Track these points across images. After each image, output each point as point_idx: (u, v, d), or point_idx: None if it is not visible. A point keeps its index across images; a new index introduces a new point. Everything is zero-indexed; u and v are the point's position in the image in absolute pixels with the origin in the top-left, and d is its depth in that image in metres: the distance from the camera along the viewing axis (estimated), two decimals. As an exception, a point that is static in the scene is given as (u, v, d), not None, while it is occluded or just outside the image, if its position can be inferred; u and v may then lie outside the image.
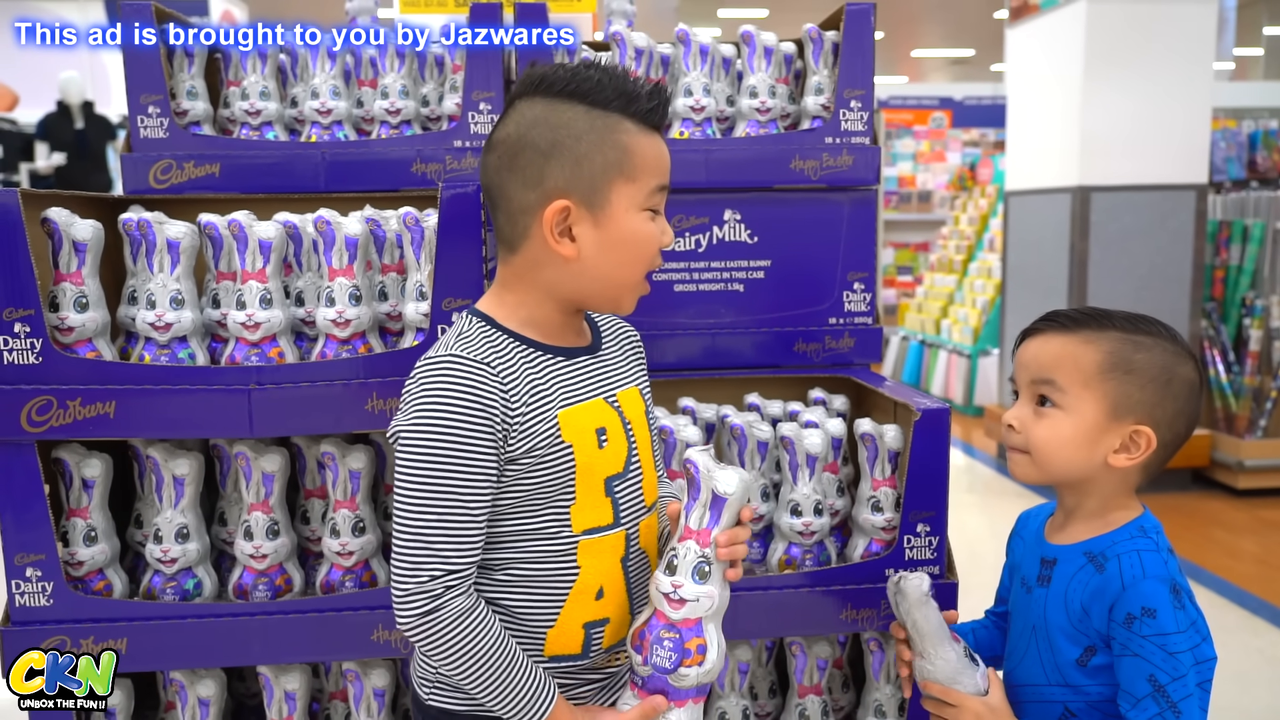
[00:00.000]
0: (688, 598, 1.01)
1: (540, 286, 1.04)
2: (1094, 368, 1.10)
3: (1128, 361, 1.09)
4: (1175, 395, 1.10)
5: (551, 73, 1.01)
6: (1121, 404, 1.09)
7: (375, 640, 1.35)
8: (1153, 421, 1.09)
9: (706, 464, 1.03)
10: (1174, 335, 1.12)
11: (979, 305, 5.99)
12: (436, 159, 1.66)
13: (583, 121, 0.99)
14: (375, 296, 1.43)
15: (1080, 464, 1.11)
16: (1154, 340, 1.10)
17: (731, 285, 1.78)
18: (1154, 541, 1.09)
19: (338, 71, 1.70)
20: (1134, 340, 1.10)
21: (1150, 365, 1.09)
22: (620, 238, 1.02)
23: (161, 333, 1.33)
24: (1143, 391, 1.09)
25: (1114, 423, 1.09)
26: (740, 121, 1.79)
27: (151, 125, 1.63)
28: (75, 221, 1.31)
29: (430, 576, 0.96)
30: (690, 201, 1.75)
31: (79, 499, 1.34)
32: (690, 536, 1.02)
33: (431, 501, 0.96)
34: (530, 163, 1.00)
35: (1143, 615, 1.03)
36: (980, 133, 8.31)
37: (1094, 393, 1.10)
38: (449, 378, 0.97)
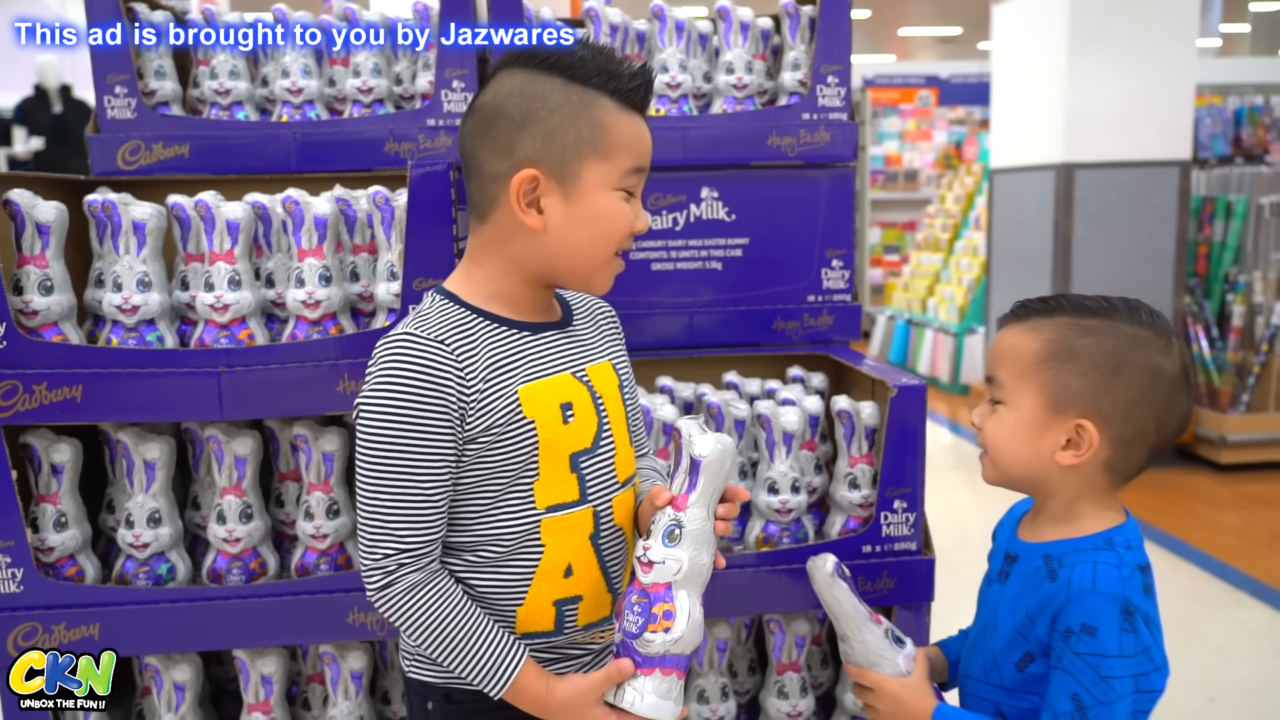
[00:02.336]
0: (655, 560, 0.99)
1: (508, 258, 1.03)
2: (1031, 357, 1.01)
3: (1068, 348, 1.00)
4: (1129, 384, 0.98)
5: (536, 47, 1.03)
6: (1060, 395, 1.00)
7: (351, 623, 1.35)
8: (1097, 414, 0.99)
9: (689, 430, 1.02)
10: (1144, 319, 1.01)
11: (965, 284, 5.99)
12: (409, 138, 1.64)
13: (559, 94, 0.99)
14: (346, 277, 1.41)
15: (1027, 463, 1.03)
16: (1108, 324, 1.00)
17: (709, 263, 1.77)
18: (1118, 555, 0.99)
19: (309, 50, 1.67)
20: (1082, 325, 1.00)
21: (1095, 351, 0.99)
22: (589, 214, 1.01)
23: (129, 315, 1.31)
24: (1083, 380, 0.99)
25: (1054, 416, 1.00)
26: (717, 98, 1.77)
27: (119, 106, 1.60)
28: (38, 203, 1.29)
29: (384, 554, 0.97)
30: (667, 179, 1.74)
31: (48, 484, 1.33)
32: (669, 502, 1.01)
33: (385, 480, 0.97)
34: (503, 132, 0.99)
35: (1081, 631, 0.95)
36: (966, 111, 8.29)
37: (1031, 384, 1.01)
38: (402, 357, 0.97)
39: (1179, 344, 1.00)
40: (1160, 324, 1.01)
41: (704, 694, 1.46)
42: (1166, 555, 3.39)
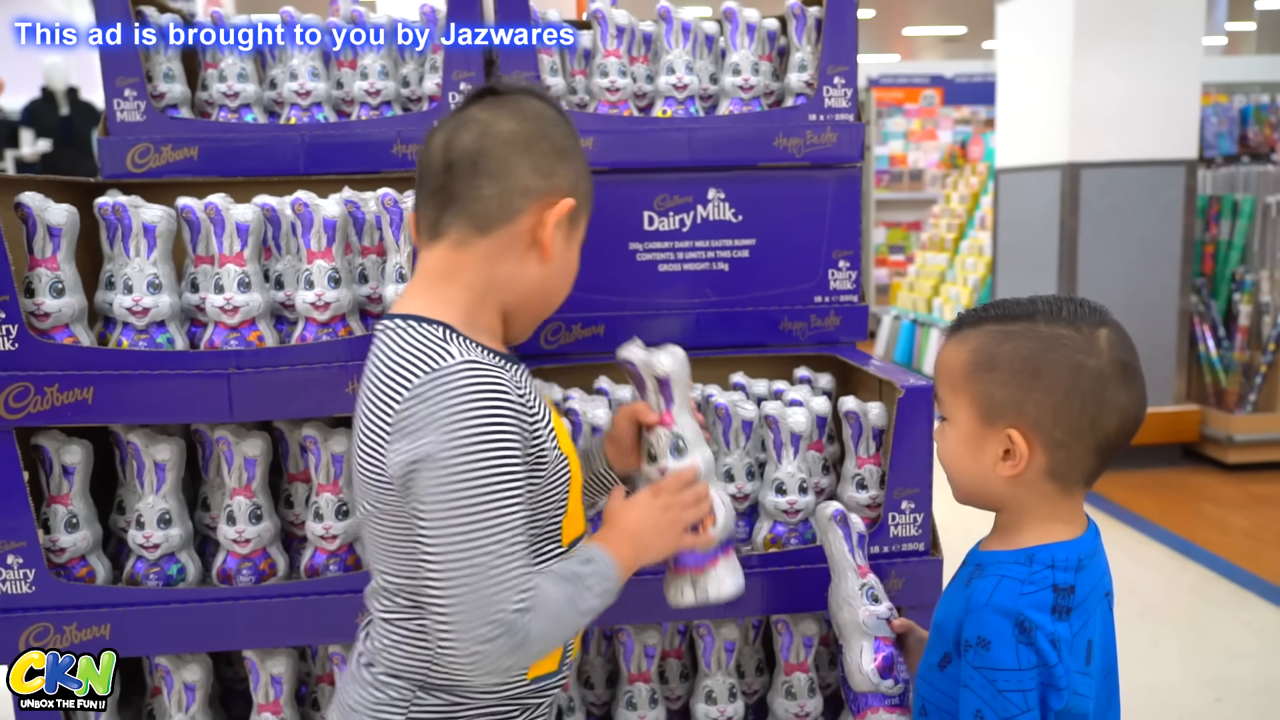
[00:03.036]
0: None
1: (490, 280, 0.98)
2: (959, 370, 1.00)
3: (990, 357, 0.98)
4: (1050, 386, 0.95)
5: (546, 90, 1.09)
6: (988, 406, 0.98)
7: (360, 623, 1.35)
8: (1024, 421, 0.96)
9: (641, 356, 1.12)
10: (1065, 316, 0.97)
11: (970, 284, 5.99)
12: (417, 140, 1.64)
13: (577, 144, 1.03)
14: (355, 279, 1.42)
15: (974, 479, 1.01)
16: (1026, 327, 0.97)
17: (716, 264, 1.77)
18: (1029, 571, 0.96)
19: (316, 53, 1.68)
20: (1003, 331, 0.98)
21: (1013, 357, 0.96)
22: (571, 263, 1.04)
23: (139, 317, 1.32)
24: (1005, 388, 0.97)
25: (987, 428, 0.98)
26: (723, 99, 1.77)
27: (128, 109, 1.61)
28: (49, 206, 1.30)
29: (512, 609, 0.85)
30: (674, 181, 1.74)
31: (59, 486, 1.33)
32: (655, 424, 1.11)
33: (496, 527, 0.85)
34: (546, 153, 0.99)
35: (978, 644, 0.94)
36: (971, 110, 8.28)
37: (962, 398, 0.99)
38: (478, 386, 0.87)
39: (1109, 336, 0.96)
40: (1084, 319, 0.97)
41: (711, 694, 1.47)
42: (1173, 555, 3.39)
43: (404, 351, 0.91)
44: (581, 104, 1.77)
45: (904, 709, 1.18)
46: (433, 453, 0.85)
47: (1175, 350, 4.35)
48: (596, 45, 1.73)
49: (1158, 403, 4.32)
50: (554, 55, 1.73)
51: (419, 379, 0.88)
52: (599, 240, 1.74)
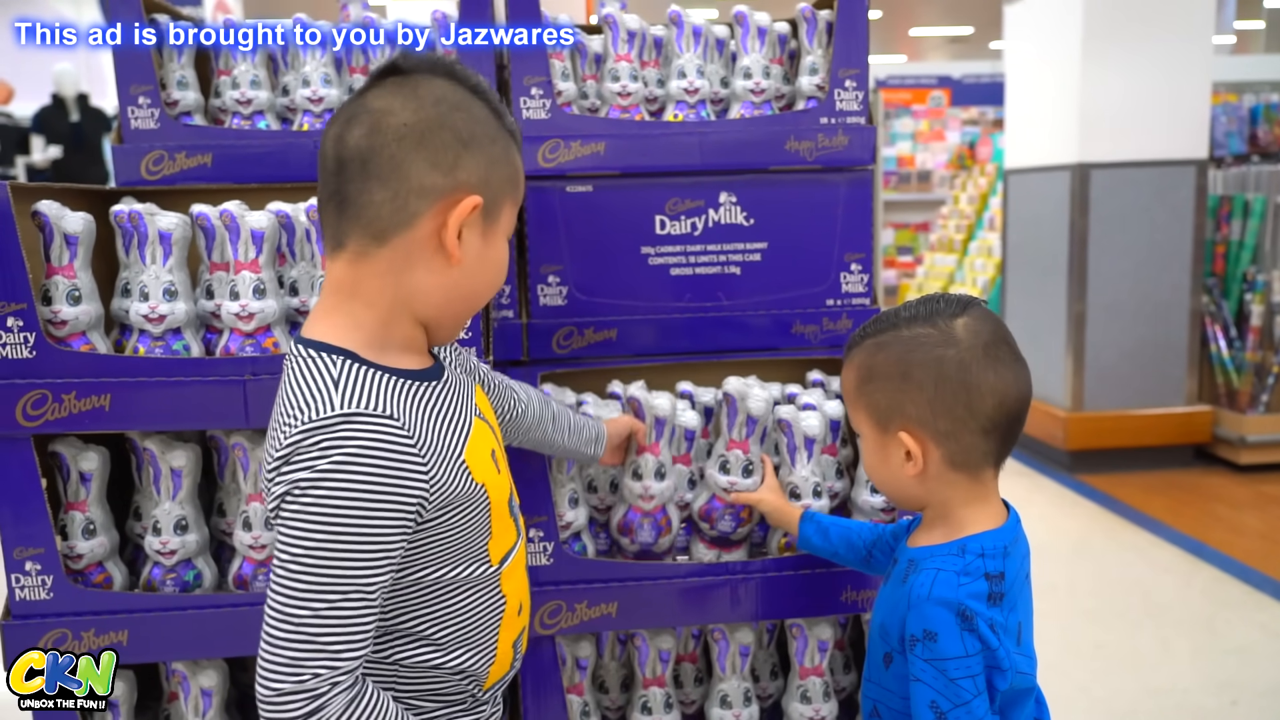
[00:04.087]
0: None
1: (400, 293, 0.89)
2: (851, 387, 1.08)
3: (869, 370, 1.05)
4: (922, 382, 1.01)
5: (458, 65, 0.91)
6: (878, 415, 1.05)
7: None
8: (910, 420, 1.03)
9: (644, 397, 1.44)
10: (922, 315, 1.04)
11: (980, 285, 5.98)
12: (429, 145, 1.65)
13: (493, 127, 0.90)
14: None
15: (891, 484, 1.08)
16: (893, 335, 1.04)
17: (728, 268, 1.77)
18: (963, 562, 1.00)
19: (328, 59, 1.69)
20: (876, 343, 1.06)
21: (885, 365, 1.04)
22: (495, 259, 0.95)
23: (155, 324, 1.32)
24: (887, 395, 1.04)
25: (885, 435, 1.05)
26: (734, 103, 1.78)
27: (142, 116, 1.62)
28: (66, 214, 1.30)
29: (313, 675, 0.81)
30: (685, 184, 1.74)
31: (77, 492, 1.34)
32: (645, 450, 1.41)
33: (326, 590, 0.80)
34: (447, 145, 0.87)
35: (925, 638, 0.97)
36: (979, 111, 8.26)
37: (859, 412, 1.08)
38: (355, 445, 0.81)
39: (966, 323, 1.02)
40: (940, 314, 1.03)
41: (726, 698, 1.46)
42: (1186, 556, 3.37)
43: (295, 390, 0.85)
44: (593, 108, 1.78)
45: (720, 547, 1.45)
46: (293, 506, 0.81)
47: (1187, 351, 4.33)
48: (607, 49, 1.74)
49: (1169, 404, 4.30)
50: (565, 59, 1.73)
51: (293, 429, 0.82)
52: (611, 244, 1.75)
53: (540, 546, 1.36)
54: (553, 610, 1.36)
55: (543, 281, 1.73)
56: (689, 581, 1.40)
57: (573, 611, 1.37)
